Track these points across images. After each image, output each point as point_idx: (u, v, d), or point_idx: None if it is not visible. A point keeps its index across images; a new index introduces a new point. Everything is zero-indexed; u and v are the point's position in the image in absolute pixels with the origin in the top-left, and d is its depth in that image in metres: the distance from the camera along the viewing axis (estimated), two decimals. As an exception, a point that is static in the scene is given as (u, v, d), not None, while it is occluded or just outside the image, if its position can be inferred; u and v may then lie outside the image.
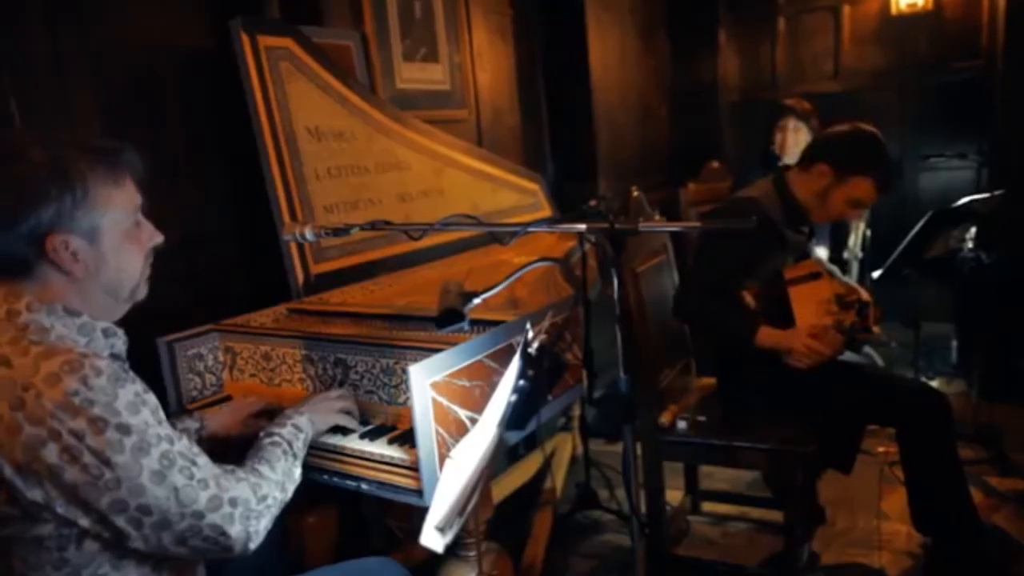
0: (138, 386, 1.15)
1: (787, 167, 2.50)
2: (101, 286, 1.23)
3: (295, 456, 1.47)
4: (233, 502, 1.21)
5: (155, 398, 1.19)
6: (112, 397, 1.10)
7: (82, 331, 1.20)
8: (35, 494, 1.08)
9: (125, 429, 1.10)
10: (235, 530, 1.21)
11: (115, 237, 1.22)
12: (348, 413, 1.78)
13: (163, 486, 1.13)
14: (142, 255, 1.29)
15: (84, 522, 1.11)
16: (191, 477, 1.16)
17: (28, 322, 1.14)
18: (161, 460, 1.13)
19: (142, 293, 1.31)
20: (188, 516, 1.15)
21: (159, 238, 1.31)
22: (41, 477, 1.07)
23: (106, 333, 1.23)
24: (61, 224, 1.15)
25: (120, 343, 1.26)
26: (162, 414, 1.18)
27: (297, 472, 1.46)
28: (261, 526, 1.27)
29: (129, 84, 2.29)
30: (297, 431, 1.53)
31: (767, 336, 2.25)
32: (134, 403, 1.12)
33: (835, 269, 2.71)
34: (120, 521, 1.11)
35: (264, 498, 1.29)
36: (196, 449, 1.22)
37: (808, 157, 2.35)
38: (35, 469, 1.07)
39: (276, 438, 1.48)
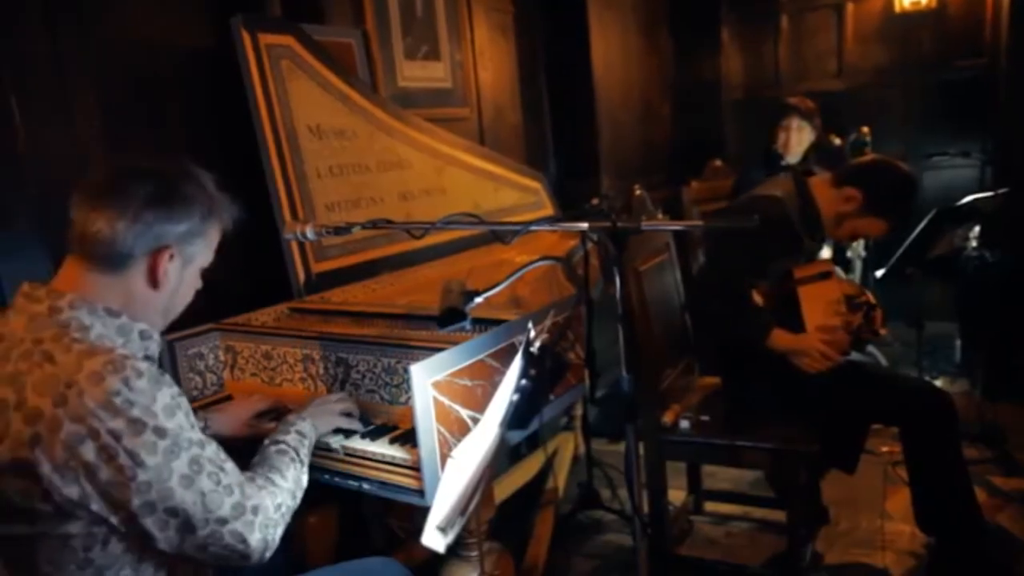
0: (174, 389, 1.18)
1: (809, 172, 2.47)
2: (162, 303, 1.30)
3: (302, 463, 1.48)
4: (255, 510, 1.24)
5: (187, 401, 1.21)
6: (151, 400, 1.13)
7: (120, 331, 1.23)
8: (72, 491, 1.10)
9: (161, 432, 1.13)
10: (255, 538, 1.23)
11: (195, 272, 1.34)
12: (349, 415, 1.77)
13: (191, 490, 1.15)
14: (192, 295, 1.37)
15: (114, 520, 1.13)
16: (218, 483, 1.19)
17: (69, 319, 1.18)
18: (191, 464, 1.16)
19: (167, 325, 1.38)
20: (212, 522, 1.18)
21: (199, 285, 1.39)
22: (78, 474, 1.10)
23: (143, 335, 1.26)
24: (179, 242, 1.27)
25: (154, 346, 1.29)
26: (193, 418, 1.21)
27: (304, 479, 1.47)
28: (278, 534, 1.29)
29: (129, 83, 2.28)
30: (301, 437, 1.54)
31: (780, 340, 2.24)
32: (170, 406, 1.15)
33: (838, 269, 2.69)
34: (148, 522, 1.14)
35: (279, 507, 1.32)
36: (223, 455, 1.24)
37: (845, 178, 2.31)
38: (72, 466, 1.09)
39: (282, 446, 1.48)
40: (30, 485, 1.10)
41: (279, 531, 1.30)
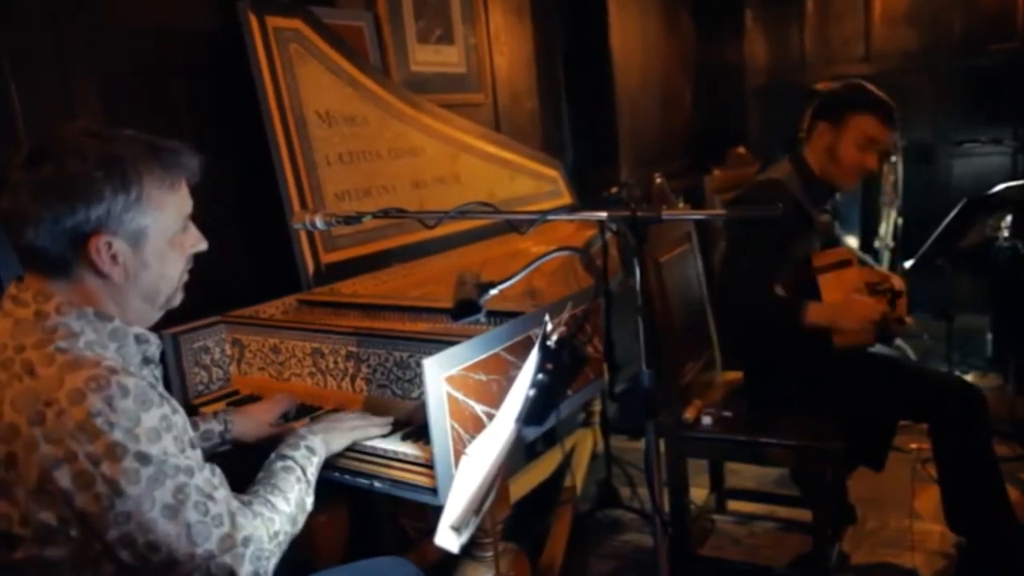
0: (165, 408, 1.10)
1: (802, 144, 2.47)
2: (138, 291, 1.20)
3: (308, 483, 1.40)
4: (246, 542, 1.15)
5: (183, 419, 1.14)
6: (135, 421, 1.05)
7: (113, 337, 1.16)
8: (47, 516, 1.04)
9: (143, 458, 1.05)
10: (245, 571, 1.15)
11: (160, 243, 1.19)
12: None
13: (175, 522, 1.07)
14: (183, 261, 1.26)
15: (97, 546, 1.07)
16: (205, 513, 1.11)
17: (57, 325, 1.11)
18: (176, 494, 1.08)
19: (177, 300, 1.28)
20: (198, 556, 1.10)
21: (203, 245, 1.28)
22: (55, 499, 1.04)
23: (138, 339, 1.20)
24: (108, 225, 1.12)
25: (153, 348, 1.23)
26: (187, 437, 1.14)
27: (309, 501, 1.39)
28: (271, 565, 1.21)
29: (132, 69, 2.24)
30: (310, 454, 1.45)
31: (816, 312, 2.17)
32: (157, 429, 1.07)
33: (867, 257, 2.65)
34: (125, 555, 1.07)
35: (276, 535, 1.24)
36: (216, 480, 1.16)
37: (808, 127, 2.35)
38: (49, 490, 1.03)
39: (290, 462, 1.40)
40: (8, 508, 1.05)
41: (273, 561, 1.22)
